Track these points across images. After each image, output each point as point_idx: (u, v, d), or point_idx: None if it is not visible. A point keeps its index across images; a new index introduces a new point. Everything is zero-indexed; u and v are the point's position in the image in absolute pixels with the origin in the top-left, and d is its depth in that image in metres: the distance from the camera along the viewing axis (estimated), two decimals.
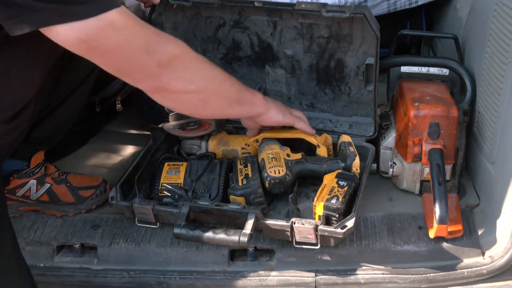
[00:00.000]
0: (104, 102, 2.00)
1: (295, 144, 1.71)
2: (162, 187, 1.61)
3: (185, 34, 1.79)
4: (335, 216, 1.45)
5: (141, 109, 2.04)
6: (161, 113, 1.83)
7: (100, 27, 1.13)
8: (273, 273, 1.48)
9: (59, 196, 1.65)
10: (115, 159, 1.92)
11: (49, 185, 1.65)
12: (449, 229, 1.46)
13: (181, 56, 1.30)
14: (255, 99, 1.55)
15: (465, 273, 1.44)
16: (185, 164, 1.67)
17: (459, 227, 1.49)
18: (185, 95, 1.35)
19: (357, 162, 1.58)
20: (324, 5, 1.58)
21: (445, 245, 1.48)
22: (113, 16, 1.14)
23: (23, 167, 1.64)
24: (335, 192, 1.49)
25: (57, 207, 1.66)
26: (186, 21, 1.77)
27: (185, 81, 1.32)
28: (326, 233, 1.41)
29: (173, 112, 1.78)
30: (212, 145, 1.74)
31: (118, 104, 1.99)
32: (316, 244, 1.45)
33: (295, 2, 1.62)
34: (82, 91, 1.69)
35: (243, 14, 1.69)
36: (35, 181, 1.63)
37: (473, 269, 1.44)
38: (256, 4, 1.62)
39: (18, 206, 1.65)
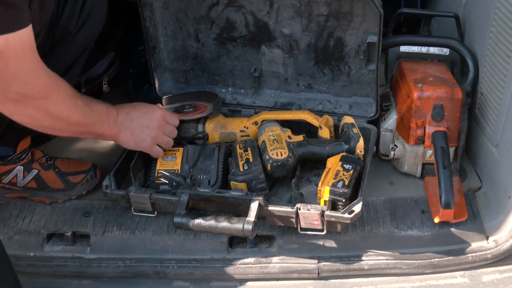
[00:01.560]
0: (90, 83, 1.99)
1: (294, 126, 1.71)
2: (159, 174, 1.61)
3: (176, 14, 1.79)
4: (341, 201, 1.44)
5: (127, 91, 2.06)
6: (149, 96, 1.86)
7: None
8: (274, 259, 1.47)
9: (48, 182, 1.64)
10: (104, 142, 1.87)
11: (36, 171, 1.63)
12: (453, 213, 1.46)
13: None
14: (100, 123, 1.48)
15: (470, 258, 1.44)
16: (181, 149, 1.66)
17: (463, 211, 1.50)
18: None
19: (361, 143, 1.58)
20: None
21: (449, 230, 1.49)
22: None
23: (9, 153, 1.63)
24: (340, 176, 1.48)
25: (45, 194, 1.65)
26: None
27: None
28: (333, 219, 1.40)
29: (168, 95, 1.77)
30: (209, 128, 1.72)
31: (105, 84, 2.00)
32: (322, 230, 1.44)
33: None
34: (71, 74, 1.64)
35: None
36: (22, 167, 1.62)
37: (478, 253, 1.44)
38: None
39: (4, 193, 1.64)
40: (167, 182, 1.59)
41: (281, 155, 1.55)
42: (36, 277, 1.51)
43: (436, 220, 1.48)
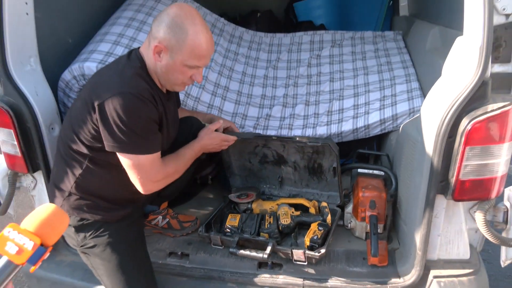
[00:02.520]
0: (202, 178, 1.92)
1: (298, 206, 1.71)
2: (227, 227, 1.63)
3: (239, 150, 1.76)
4: (316, 246, 1.48)
5: (220, 184, 2.01)
6: (229, 186, 1.88)
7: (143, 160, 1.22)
8: (280, 277, 1.47)
9: (172, 225, 1.67)
10: (204, 209, 1.88)
11: (168, 219, 1.67)
12: (378, 260, 1.46)
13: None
14: (196, 152, 1.45)
15: (388, 287, 1.42)
16: (239, 215, 1.67)
17: (385, 260, 1.49)
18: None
19: (329, 217, 1.61)
20: (308, 137, 1.67)
21: (377, 270, 1.47)
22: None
23: (155, 209, 1.68)
24: (316, 233, 1.52)
25: (171, 231, 1.67)
26: (239, 143, 1.69)
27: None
28: (310, 255, 1.44)
29: (234, 187, 1.83)
30: (254, 206, 1.75)
31: (209, 180, 1.94)
32: (305, 262, 1.47)
33: (293, 136, 1.70)
34: (188, 173, 1.59)
35: (268, 141, 1.71)
36: (161, 217, 1.67)
37: (394, 285, 1.42)
38: (273, 137, 1.66)
39: (152, 230, 1.69)
40: (229, 231, 1.62)
41: (287, 221, 1.59)
42: (161, 274, 1.52)
43: (369, 263, 1.48)
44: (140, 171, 1.25)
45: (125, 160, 1.24)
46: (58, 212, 0.76)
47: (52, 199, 1.37)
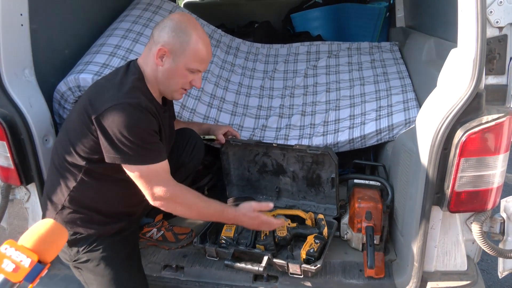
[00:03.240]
0: (198, 189, 1.82)
1: (294, 218, 1.71)
2: (222, 238, 1.62)
3: (239, 158, 1.80)
4: (312, 259, 1.48)
5: (216, 194, 1.97)
6: (226, 197, 1.84)
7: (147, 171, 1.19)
8: None
9: (167, 238, 1.66)
10: (200, 221, 1.80)
11: (163, 232, 1.66)
12: (375, 272, 1.44)
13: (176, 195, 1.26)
14: (225, 216, 1.37)
15: None
16: (234, 226, 1.65)
17: (382, 271, 1.48)
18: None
19: (326, 230, 1.60)
20: (308, 146, 1.65)
21: (374, 282, 1.45)
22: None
23: (150, 222, 1.68)
24: (312, 246, 1.52)
25: (166, 244, 1.66)
26: (239, 151, 1.78)
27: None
28: (306, 269, 1.43)
29: (231, 197, 1.80)
30: None
31: (206, 191, 1.98)
32: (300, 275, 1.45)
33: (293, 144, 1.70)
34: (185, 184, 1.44)
35: (268, 149, 1.73)
36: (156, 229, 1.66)
37: None
38: (274, 145, 1.70)
39: (146, 242, 1.67)
40: (225, 242, 1.61)
41: (283, 233, 1.59)
42: (156, 287, 1.51)
43: (366, 274, 1.46)
44: (148, 181, 1.22)
45: (131, 171, 1.21)
46: (56, 228, 0.75)
47: (45, 212, 1.35)
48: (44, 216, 1.36)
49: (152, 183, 1.22)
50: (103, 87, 1.27)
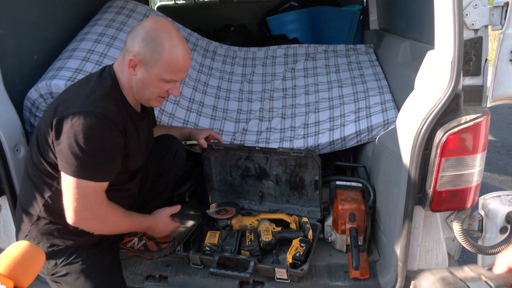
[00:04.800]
0: (179, 196, 1.94)
1: (277, 222, 1.69)
2: (206, 245, 1.60)
3: (221, 163, 1.78)
4: (298, 263, 1.47)
5: (198, 200, 2.02)
6: (207, 203, 1.82)
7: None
8: None
9: (149, 247, 1.63)
10: (182, 227, 1.85)
11: (144, 241, 1.63)
12: (360, 273, 1.45)
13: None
14: (143, 223, 1.40)
15: None
16: (218, 232, 1.65)
17: (367, 272, 1.48)
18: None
19: (310, 233, 1.60)
20: (291, 149, 1.65)
21: (359, 283, 1.46)
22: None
23: (131, 232, 1.59)
24: (298, 249, 1.51)
25: (148, 253, 1.63)
26: (221, 155, 1.77)
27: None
28: (292, 273, 1.43)
29: (214, 203, 1.77)
30: (234, 222, 1.72)
31: (187, 198, 1.96)
32: (287, 280, 1.45)
33: (277, 147, 1.69)
34: (167, 191, 1.64)
35: (251, 153, 1.72)
36: (137, 239, 1.62)
37: None
38: (257, 148, 1.69)
39: (128, 252, 1.63)
40: (209, 249, 1.59)
41: (268, 238, 1.57)
42: None
43: (351, 276, 1.47)
44: (81, 197, 1.14)
45: (66, 180, 1.14)
46: (31, 250, 0.70)
47: (19, 225, 1.29)
48: (18, 229, 1.30)
49: (84, 200, 1.15)
50: (73, 93, 1.22)
